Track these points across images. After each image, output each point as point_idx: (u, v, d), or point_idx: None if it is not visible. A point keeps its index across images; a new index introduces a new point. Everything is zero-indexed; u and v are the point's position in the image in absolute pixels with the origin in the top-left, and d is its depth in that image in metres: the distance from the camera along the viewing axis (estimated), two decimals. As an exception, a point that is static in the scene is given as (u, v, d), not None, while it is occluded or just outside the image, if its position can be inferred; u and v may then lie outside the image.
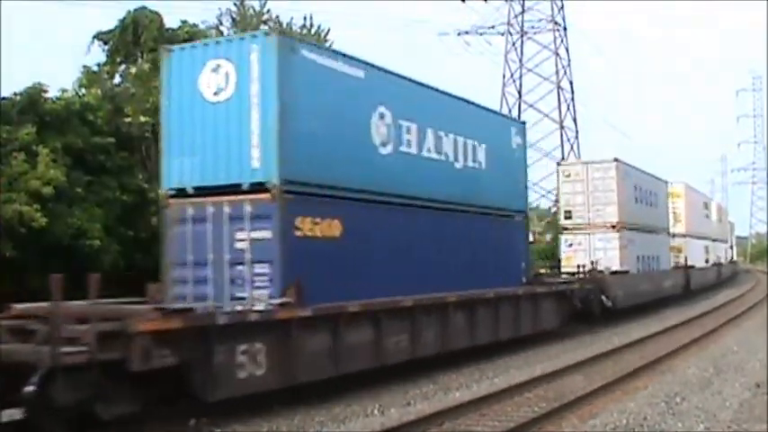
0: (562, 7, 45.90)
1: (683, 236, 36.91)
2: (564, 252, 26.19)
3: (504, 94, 45.43)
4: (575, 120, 45.09)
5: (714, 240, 48.08)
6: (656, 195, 31.06)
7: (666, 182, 33.70)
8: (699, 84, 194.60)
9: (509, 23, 46.24)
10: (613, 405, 10.84)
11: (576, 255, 25.17)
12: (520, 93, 45.66)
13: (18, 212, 14.93)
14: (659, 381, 12.84)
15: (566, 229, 26.33)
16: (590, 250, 25.25)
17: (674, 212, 35.63)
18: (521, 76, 46.04)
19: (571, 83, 45.67)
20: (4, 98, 16.80)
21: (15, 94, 17.10)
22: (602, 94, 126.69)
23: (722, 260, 51.93)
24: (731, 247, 64.87)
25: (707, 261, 43.56)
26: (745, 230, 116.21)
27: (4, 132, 16.10)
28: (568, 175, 26.40)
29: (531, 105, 44.78)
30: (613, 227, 25.39)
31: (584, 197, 25.86)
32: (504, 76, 46.03)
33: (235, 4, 29.92)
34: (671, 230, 34.42)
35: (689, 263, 36.24)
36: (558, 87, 45.19)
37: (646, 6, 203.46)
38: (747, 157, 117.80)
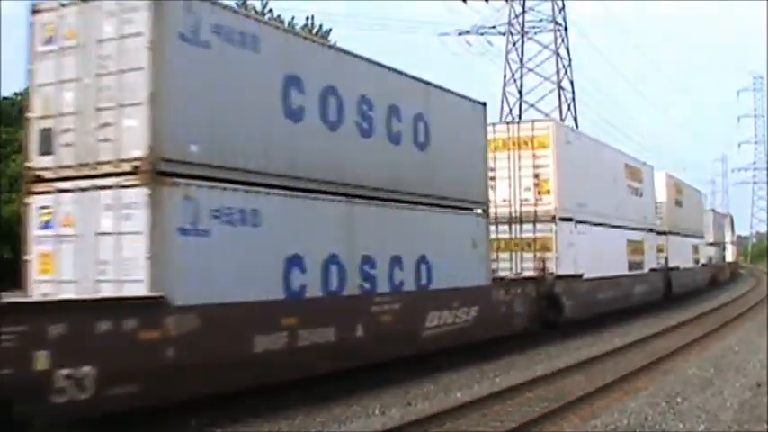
0: (563, 7, 45.86)
1: (553, 219, 19.53)
2: (37, 243, 9.81)
3: (504, 94, 45.39)
4: (575, 120, 44.99)
5: (665, 234, 31.24)
6: (441, 128, 14.43)
7: (484, 105, 16.38)
8: (699, 84, 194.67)
9: (510, 23, 46.19)
10: (614, 405, 10.85)
11: (63, 250, 9.55)
12: (521, 93, 45.60)
13: (17, 213, 14.96)
14: (660, 381, 12.85)
15: (38, 180, 9.86)
16: (88, 237, 9.44)
17: (537, 175, 19.64)
18: (521, 76, 45.97)
19: (572, 83, 45.60)
20: (5, 98, 16.82)
21: (16, 94, 17.14)
22: (602, 95, 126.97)
23: (686, 264, 35.30)
24: (715, 245, 49.18)
25: (636, 265, 26.05)
26: (746, 230, 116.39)
27: (4, 133, 16.12)
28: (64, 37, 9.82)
29: (531, 105, 44.69)
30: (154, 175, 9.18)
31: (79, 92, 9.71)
32: (504, 76, 45.97)
33: (237, 3, 29.96)
34: (512, 208, 19.39)
35: (566, 270, 19.63)
36: (559, 87, 45.12)
37: (647, 6, 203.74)
38: (748, 157, 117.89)
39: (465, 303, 14.87)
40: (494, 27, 46.85)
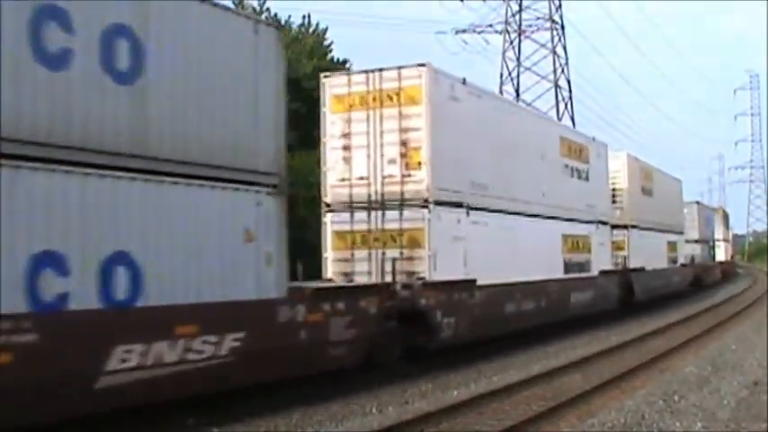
0: (560, 6, 46.01)
1: (426, 203, 14.01)
2: None
3: (501, 92, 45.43)
4: (572, 118, 45.09)
5: (626, 227, 25.70)
6: (177, 54, 9.37)
7: (277, 28, 12.01)
8: (696, 82, 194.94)
9: (507, 22, 46.29)
10: (612, 404, 10.85)
11: None
12: (517, 91, 45.72)
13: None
14: (657, 379, 12.85)
15: None
16: None
17: (404, 142, 14.19)
18: (518, 75, 46.15)
19: (569, 81, 45.74)
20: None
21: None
22: (600, 93, 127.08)
23: (656, 264, 29.02)
24: (701, 242, 43.26)
25: (578, 267, 20.30)
26: (743, 229, 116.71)
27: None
28: None
29: (528, 104, 44.75)
30: None
31: None
32: (501, 75, 46.15)
33: (234, 3, 29.92)
34: (372, 188, 14.32)
35: (446, 274, 14.19)
36: (556, 86, 45.22)
37: (644, 5, 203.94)
38: (745, 155, 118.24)
39: (213, 328, 9.28)
40: (491, 26, 47.08)
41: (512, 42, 46.28)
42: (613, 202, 25.02)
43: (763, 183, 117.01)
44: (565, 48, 45.90)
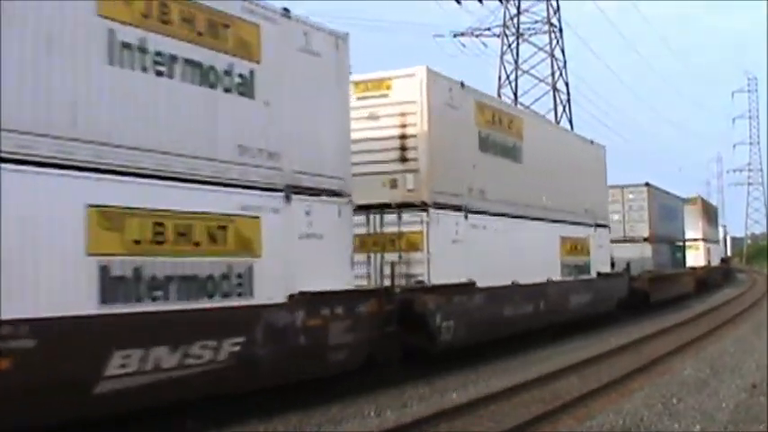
0: (558, 9, 45.98)
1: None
2: None
3: (499, 95, 45.45)
4: (570, 121, 45.12)
5: (424, 208, 13.66)
6: None
7: None
8: (694, 85, 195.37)
9: (504, 25, 46.31)
10: (610, 406, 10.85)
11: None
12: (516, 94, 45.71)
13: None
14: (656, 382, 12.84)
15: None
16: None
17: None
18: (516, 78, 46.11)
19: (567, 84, 45.75)
20: None
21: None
22: (597, 96, 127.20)
23: (524, 276, 16.48)
24: (663, 242, 31.60)
25: (190, 289, 8.79)
26: (741, 231, 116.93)
27: None
28: None
29: (526, 107, 44.78)
30: None
31: None
32: (499, 78, 46.10)
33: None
34: None
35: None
36: (554, 89, 45.23)
37: (641, 7, 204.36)
38: (743, 158, 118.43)
39: None
40: (489, 29, 47.05)
41: (510, 45, 46.30)
42: (403, 159, 14.13)
43: (762, 185, 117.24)
44: (563, 50, 45.93)
